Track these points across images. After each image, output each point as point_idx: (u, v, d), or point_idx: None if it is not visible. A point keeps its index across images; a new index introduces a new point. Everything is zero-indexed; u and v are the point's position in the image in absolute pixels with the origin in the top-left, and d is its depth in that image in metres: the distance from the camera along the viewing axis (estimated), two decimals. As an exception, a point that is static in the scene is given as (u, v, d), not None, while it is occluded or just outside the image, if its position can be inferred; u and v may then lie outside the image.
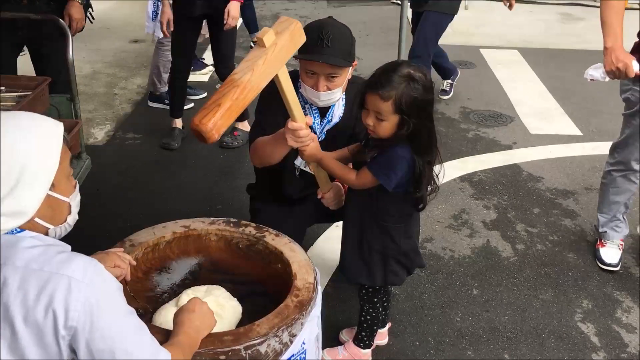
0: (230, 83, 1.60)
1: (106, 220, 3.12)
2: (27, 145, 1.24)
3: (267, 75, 1.68)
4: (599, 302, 2.70)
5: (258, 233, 2.00)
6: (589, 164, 3.90)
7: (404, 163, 1.87)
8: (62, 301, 1.17)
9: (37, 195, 1.27)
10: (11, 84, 2.85)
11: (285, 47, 1.71)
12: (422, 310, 2.61)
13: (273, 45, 1.65)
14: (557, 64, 5.76)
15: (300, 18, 6.94)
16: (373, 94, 1.83)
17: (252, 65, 1.62)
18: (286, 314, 1.65)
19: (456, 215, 3.31)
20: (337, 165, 2.03)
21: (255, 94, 1.65)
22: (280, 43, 1.68)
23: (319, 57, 2.03)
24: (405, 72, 1.81)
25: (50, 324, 1.17)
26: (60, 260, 1.21)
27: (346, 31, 2.12)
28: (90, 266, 1.22)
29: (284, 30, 1.70)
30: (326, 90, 2.10)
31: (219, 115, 1.55)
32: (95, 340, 1.20)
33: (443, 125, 4.35)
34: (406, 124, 1.82)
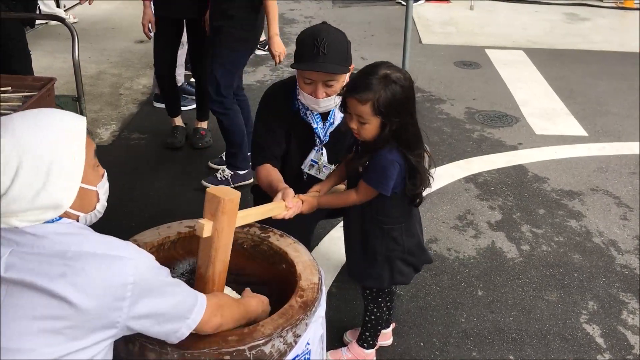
0: (201, 280, 1.72)
1: (111, 220, 3.10)
2: (51, 139, 1.27)
3: (225, 255, 1.70)
4: (604, 303, 2.69)
5: (262, 233, 2.00)
6: (594, 165, 3.89)
7: (395, 165, 1.88)
8: (117, 277, 1.25)
9: (71, 188, 1.31)
10: (17, 84, 2.87)
11: (226, 224, 1.66)
12: (427, 311, 2.60)
13: (215, 232, 1.64)
14: (562, 64, 5.75)
15: (305, 18, 6.96)
16: (352, 98, 1.84)
17: (209, 258, 1.68)
18: (290, 315, 1.65)
19: (461, 216, 3.31)
20: (334, 198, 2.09)
21: (226, 269, 1.73)
22: (220, 225, 1.64)
23: (316, 67, 2.04)
24: (382, 73, 1.82)
25: (110, 299, 1.24)
26: (102, 242, 1.30)
27: (341, 36, 2.12)
28: (129, 244, 1.35)
29: (216, 212, 1.63)
30: (325, 97, 2.11)
31: None
32: (155, 302, 1.32)
33: (448, 126, 4.34)
34: (388, 125, 1.83)
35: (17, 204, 1.24)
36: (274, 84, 2.39)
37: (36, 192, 1.24)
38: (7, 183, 1.22)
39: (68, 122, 1.32)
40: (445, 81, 5.24)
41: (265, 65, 5.47)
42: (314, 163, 2.36)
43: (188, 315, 1.40)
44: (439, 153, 3.89)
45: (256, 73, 5.30)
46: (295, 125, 2.27)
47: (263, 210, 1.92)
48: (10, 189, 1.23)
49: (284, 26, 6.71)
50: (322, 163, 2.35)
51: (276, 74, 5.26)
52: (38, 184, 1.25)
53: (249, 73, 5.27)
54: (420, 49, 6.04)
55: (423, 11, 7.47)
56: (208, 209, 1.65)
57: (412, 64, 4.99)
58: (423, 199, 2.01)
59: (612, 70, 5.61)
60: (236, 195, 1.65)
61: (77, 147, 1.30)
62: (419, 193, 1.95)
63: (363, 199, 1.99)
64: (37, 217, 1.27)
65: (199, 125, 3.96)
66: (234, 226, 1.70)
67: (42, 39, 5.85)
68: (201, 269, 1.72)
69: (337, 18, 7.01)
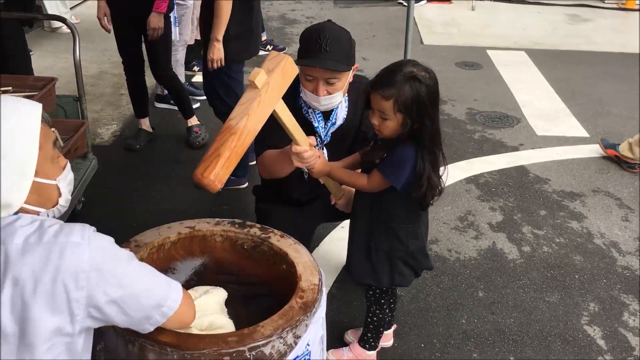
0: (227, 130, 1.60)
1: (112, 220, 3.13)
2: (5, 133, 1.18)
3: (263, 116, 1.66)
4: (605, 305, 2.69)
5: (263, 234, 2.00)
6: (596, 166, 3.88)
7: (410, 161, 1.87)
8: (68, 267, 1.17)
9: (21, 186, 1.23)
10: (18, 84, 2.87)
11: (278, 84, 1.68)
12: (428, 312, 2.60)
13: (266, 85, 1.62)
14: (564, 65, 5.74)
15: (306, 19, 6.96)
16: (376, 93, 1.83)
17: (247, 109, 1.61)
18: (291, 315, 1.65)
19: (462, 217, 3.30)
20: (346, 173, 2.05)
21: (253, 136, 1.65)
22: (273, 82, 1.64)
23: (317, 63, 2.02)
24: (408, 71, 1.81)
25: (62, 291, 1.17)
26: (56, 230, 1.21)
27: (345, 35, 2.11)
28: (85, 229, 1.24)
29: (275, 68, 1.65)
30: (326, 95, 2.10)
31: (220, 165, 1.57)
32: (113, 290, 1.23)
33: (449, 127, 4.34)
34: (409, 123, 1.82)
35: None
36: None
37: None
38: None
39: (20, 112, 1.22)
40: (446, 82, 5.23)
41: (267, 66, 5.45)
42: None
43: (162, 304, 1.33)
44: (440, 154, 3.88)
45: (257, 73, 5.29)
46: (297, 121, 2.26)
47: (296, 124, 1.88)
48: None
49: (285, 26, 6.72)
50: None
51: (277, 74, 5.25)
52: None
53: (250, 73, 5.27)
54: (422, 50, 6.03)
55: (425, 12, 7.47)
56: (268, 64, 1.66)
57: (414, 64, 5.00)
58: (431, 203, 2.00)
59: (614, 71, 5.60)
60: (295, 67, 1.73)
61: (29, 139, 1.21)
62: (425, 195, 1.94)
63: (372, 187, 1.97)
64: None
65: (190, 124, 3.90)
66: (282, 91, 1.70)
67: (43, 39, 5.86)
68: (233, 120, 1.61)
69: (338, 19, 6.96)
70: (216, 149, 1.58)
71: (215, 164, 1.56)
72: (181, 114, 3.92)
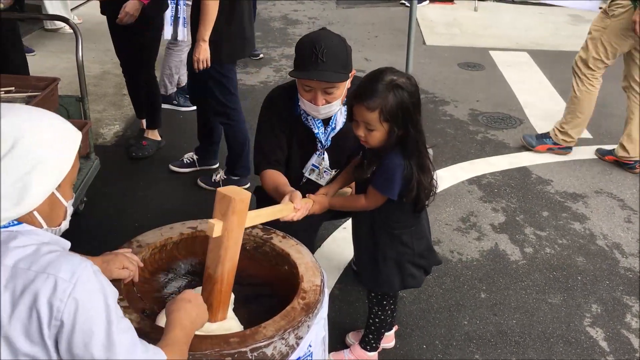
0: (209, 281, 1.69)
1: (114, 220, 3.13)
2: (49, 137, 1.26)
3: (234, 256, 1.69)
4: (608, 306, 2.68)
5: (265, 235, 2.00)
6: (598, 167, 3.87)
7: (400, 170, 1.88)
8: (46, 300, 1.16)
9: (45, 187, 1.27)
10: (21, 84, 2.87)
11: (236, 224, 1.65)
12: (430, 313, 2.59)
13: (224, 232, 1.63)
14: (566, 66, 5.68)
15: (308, 19, 6.96)
16: (360, 105, 1.83)
17: (218, 257, 1.66)
18: (292, 316, 1.64)
19: (464, 218, 3.30)
20: (345, 201, 2.10)
21: (234, 274, 1.72)
22: (230, 226, 1.64)
23: (314, 75, 2.02)
24: (389, 79, 1.81)
25: (35, 322, 1.16)
26: (49, 260, 1.20)
27: (340, 43, 2.10)
28: (80, 268, 1.20)
29: (227, 211, 1.62)
30: (325, 104, 2.10)
31: (216, 311, 1.70)
32: (77, 347, 1.18)
33: (451, 128, 4.33)
34: (395, 131, 1.82)
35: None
36: (276, 87, 2.38)
37: (12, 183, 1.22)
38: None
39: (68, 128, 1.33)
40: (448, 83, 5.23)
41: (269, 66, 5.46)
42: (315, 167, 2.35)
43: None
44: (442, 155, 3.88)
45: (260, 74, 5.30)
46: (297, 129, 2.27)
47: (272, 211, 1.91)
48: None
49: (287, 27, 6.71)
50: (323, 168, 2.34)
51: (279, 74, 5.25)
52: (17, 175, 1.22)
53: (253, 74, 5.28)
54: (424, 50, 6.03)
55: (427, 12, 7.46)
56: (219, 209, 1.64)
57: (416, 65, 4.97)
58: (425, 206, 2.00)
59: (616, 72, 5.56)
60: (247, 196, 1.65)
61: (68, 154, 1.30)
62: (418, 198, 1.94)
63: (372, 204, 1.99)
64: (7, 214, 1.23)
65: (147, 134, 3.84)
66: (243, 226, 1.70)
67: (46, 39, 5.86)
68: (210, 268, 1.70)
69: (340, 19, 7.01)
70: (206, 300, 1.67)
71: (213, 311, 1.69)
72: (146, 121, 3.86)
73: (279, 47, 5.98)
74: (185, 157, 3.66)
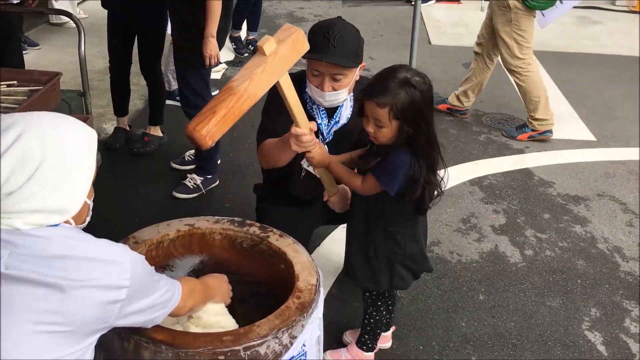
0: (228, 90, 1.59)
1: (115, 215, 3.13)
2: (73, 146, 1.26)
3: (265, 84, 1.66)
4: (607, 310, 2.67)
5: (262, 233, 1.99)
6: (602, 170, 3.86)
7: (405, 167, 1.86)
8: (115, 281, 1.26)
9: (83, 192, 1.30)
10: (23, 78, 2.87)
11: (286, 55, 1.68)
12: (427, 314, 2.59)
13: (273, 54, 1.62)
14: (572, 68, 5.70)
15: (314, 17, 6.94)
16: (370, 101, 1.82)
17: (251, 73, 1.61)
18: (287, 316, 1.64)
19: (465, 219, 3.29)
20: (344, 170, 2.03)
21: (252, 102, 1.64)
22: (281, 52, 1.64)
23: (323, 57, 2.01)
24: (402, 77, 1.79)
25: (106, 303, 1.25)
26: (102, 247, 1.30)
27: (354, 32, 2.10)
28: (123, 248, 1.34)
29: (286, 39, 1.66)
30: (331, 91, 2.09)
31: (213, 122, 1.56)
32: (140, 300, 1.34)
33: (455, 128, 4.32)
34: (405, 129, 1.80)
35: (27, 202, 1.20)
36: None
37: (49, 194, 1.22)
38: (23, 179, 1.19)
39: (86, 131, 1.32)
40: (453, 83, 5.19)
41: (273, 64, 5.45)
42: None
43: (167, 305, 1.44)
44: (444, 155, 3.81)
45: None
46: None
47: (298, 102, 1.87)
48: (26, 185, 1.19)
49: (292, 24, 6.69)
50: None
51: (284, 72, 5.25)
52: (54, 186, 1.22)
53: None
54: (429, 50, 6.01)
55: (433, 12, 7.44)
56: (279, 35, 1.67)
57: (420, 65, 4.96)
58: (428, 208, 1.98)
59: (623, 74, 5.56)
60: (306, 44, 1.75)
61: (92, 157, 1.31)
62: (423, 199, 1.92)
63: (365, 189, 1.96)
64: (43, 221, 1.23)
65: (149, 130, 3.84)
66: (290, 63, 1.71)
67: (51, 33, 5.88)
68: (236, 81, 1.62)
69: (346, 17, 6.87)
70: (213, 106, 1.58)
71: (209, 120, 1.56)
72: (149, 117, 3.86)
73: (283, 45, 5.97)
74: (187, 155, 3.66)
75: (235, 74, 1.69)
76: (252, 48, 5.63)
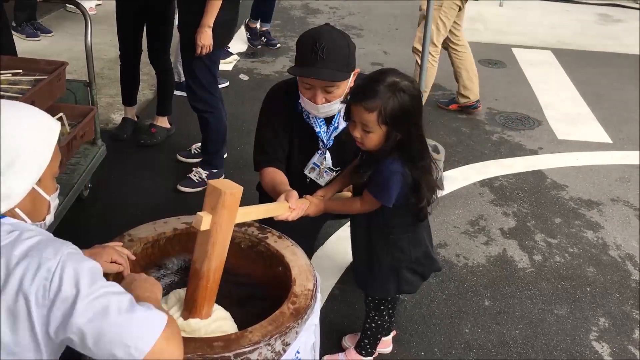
0: (195, 276, 1.65)
1: (117, 208, 3.11)
2: (24, 132, 1.25)
3: (222, 251, 1.65)
4: (616, 320, 2.60)
5: (260, 234, 1.95)
6: (616, 174, 3.76)
7: (398, 177, 1.81)
8: (33, 282, 1.13)
9: (26, 183, 1.26)
10: (29, 67, 2.85)
11: (226, 218, 1.60)
12: (430, 319, 2.53)
13: (214, 226, 1.58)
14: (591, 67, 5.58)
15: (329, 9, 6.87)
16: (358, 105, 1.76)
17: (204, 252, 1.62)
18: (281, 322, 1.60)
19: (473, 221, 3.22)
20: (340, 203, 2.04)
21: (221, 268, 1.67)
22: (220, 220, 1.59)
23: (312, 73, 1.96)
24: (391, 80, 1.74)
25: (23, 307, 1.14)
26: (31, 245, 1.17)
27: (342, 40, 2.03)
28: (63, 246, 1.19)
29: (217, 206, 1.57)
30: (324, 103, 2.04)
31: (201, 305, 1.66)
32: (76, 319, 1.14)
33: (467, 127, 4.24)
34: (393, 135, 1.75)
35: None
36: (278, 82, 2.33)
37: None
38: None
39: (45, 121, 1.31)
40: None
41: (285, 56, 5.40)
42: (316, 166, 2.29)
43: (130, 343, 1.16)
44: (455, 154, 3.79)
45: (275, 64, 5.23)
46: (298, 126, 2.21)
47: (265, 209, 1.87)
48: None
49: (307, 16, 6.63)
50: (323, 167, 2.28)
51: (296, 65, 5.18)
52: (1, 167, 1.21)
53: (269, 63, 5.22)
54: (445, 45, 5.90)
55: (451, 6, 7.31)
56: (208, 202, 1.61)
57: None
58: (428, 214, 1.93)
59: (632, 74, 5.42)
60: (238, 190, 1.61)
61: (46, 146, 1.28)
62: (423, 207, 1.87)
63: (367, 208, 1.94)
64: None
65: (156, 121, 3.80)
66: (233, 222, 1.65)
67: (66, 20, 5.86)
68: (196, 263, 1.67)
69: (361, 9, 6.90)
70: (191, 295, 1.65)
71: (195, 308, 1.66)
72: (157, 107, 3.82)
73: (297, 37, 5.89)
74: (194, 147, 3.63)
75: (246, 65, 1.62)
76: (265, 40, 5.57)
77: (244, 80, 4.84)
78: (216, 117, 3.25)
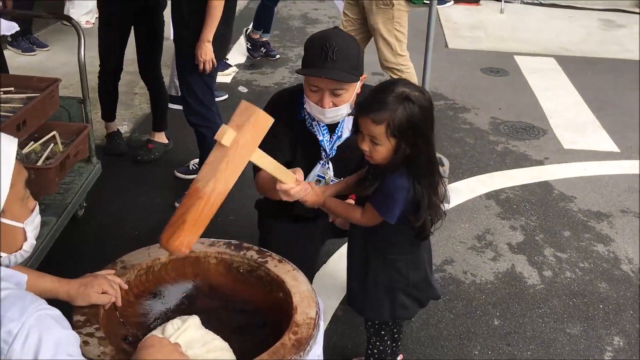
0: (194, 194, 1.48)
1: (113, 227, 3.03)
2: None
3: (233, 177, 1.52)
4: (631, 339, 2.50)
5: (260, 258, 1.86)
6: (625, 184, 3.66)
7: (404, 192, 1.73)
8: None
9: None
10: (21, 84, 2.78)
11: (249, 142, 1.51)
12: (438, 341, 2.44)
13: (234, 145, 1.47)
14: (595, 74, 5.49)
15: (329, 19, 6.80)
16: (365, 117, 1.68)
17: (214, 171, 1.47)
18: (282, 354, 1.51)
19: (480, 235, 3.12)
20: (341, 205, 1.92)
21: (222, 198, 1.51)
22: (242, 140, 1.48)
23: (322, 73, 1.89)
24: (400, 91, 1.66)
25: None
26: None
27: (352, 43, 1.98)
28: (32, 307, 1.08)
29: (244, 124, 1.48)
30: (332, 107, 1.96)
31: (186, 232, 1.49)
32: None
33: (471, 137, 4.15)
34: (402, 148, 1.67)
35: None
36: (281, 90, 2.27)
37: None
38: None
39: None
40: (470, 88, 5.03)
41: (285, 67, 5.33)
42: (321, 178, 2.21)
43: None
44: (460, 166, 3.71)
45: (275, 75, 5.16)
46: (300, 135, 2.14)
47: (278, 165, 1.73)
48: None
49: (306, 26, 6.57)
50: (328, 178, 2.20)
51: (295, 76, 5.11)
52: None
53: (268, 74, 5.15)
54: (446, 54, 5.84)
55: (451, 13, 7.25)
56: (237, 119, 1.50)
57: (437, 69, 4.81)
58: (429, 234, 1.84)
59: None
60: (270, 119, 1.53)
61: (2, 174, 1.15)
62: (423, 226, 1.78)
63: (367, 221, 1.85)
64: None
65: (152, 137, 3.72)
66: (254, 147, 1.54)
67: (63, 34, 5.79)
68: (199, 182, 1.50)
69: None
70: (182, 214, 1.49)
71: (180, 231, 1.49)
72: (152, 123, 3.74)
73: (296, 47, 5.83)
74: (192, 163, 3.55)
75: (245, 77, 1.54)
76: (264, 50, 5.51)
77: (243, 92, 4.76)
78: (213, 131, 3.14)
